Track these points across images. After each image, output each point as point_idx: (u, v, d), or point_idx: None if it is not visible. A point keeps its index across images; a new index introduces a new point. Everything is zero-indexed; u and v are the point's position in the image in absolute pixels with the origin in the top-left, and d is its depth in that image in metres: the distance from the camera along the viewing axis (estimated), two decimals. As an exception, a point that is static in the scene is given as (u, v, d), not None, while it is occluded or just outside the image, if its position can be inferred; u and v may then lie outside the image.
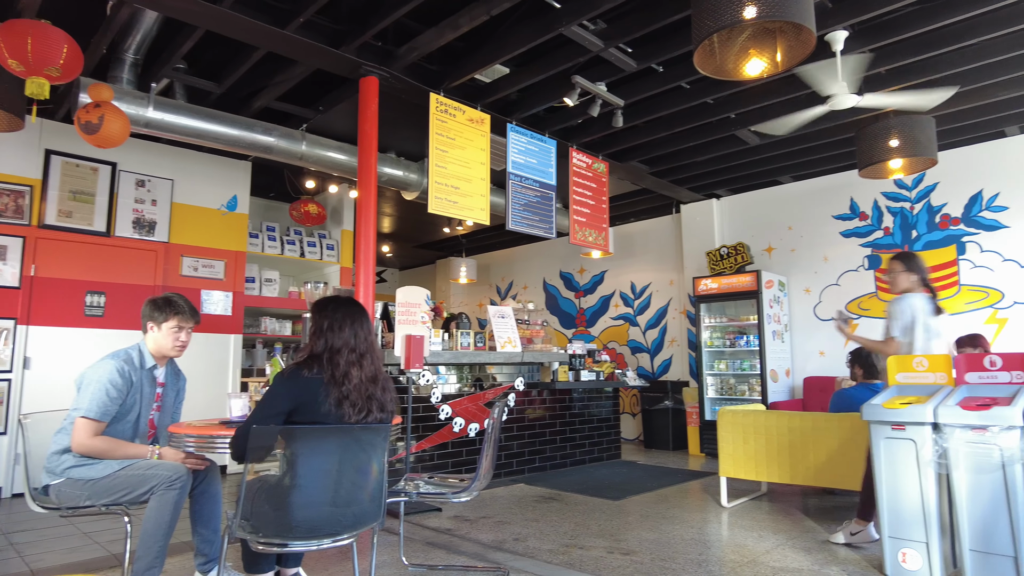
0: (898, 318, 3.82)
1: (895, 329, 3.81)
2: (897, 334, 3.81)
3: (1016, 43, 4.69)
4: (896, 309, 3.84)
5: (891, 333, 3.81)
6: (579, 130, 6.43)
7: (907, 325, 3.81)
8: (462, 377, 5.90)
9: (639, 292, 9.41)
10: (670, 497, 5.23)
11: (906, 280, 3.93)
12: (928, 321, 3.80)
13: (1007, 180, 6.38)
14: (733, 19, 2.95)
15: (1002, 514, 2.98)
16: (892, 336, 3.81)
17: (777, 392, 7.33)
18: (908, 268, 3.94)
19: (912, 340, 3.81)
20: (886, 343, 3.84)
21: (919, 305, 3.83)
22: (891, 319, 3.84)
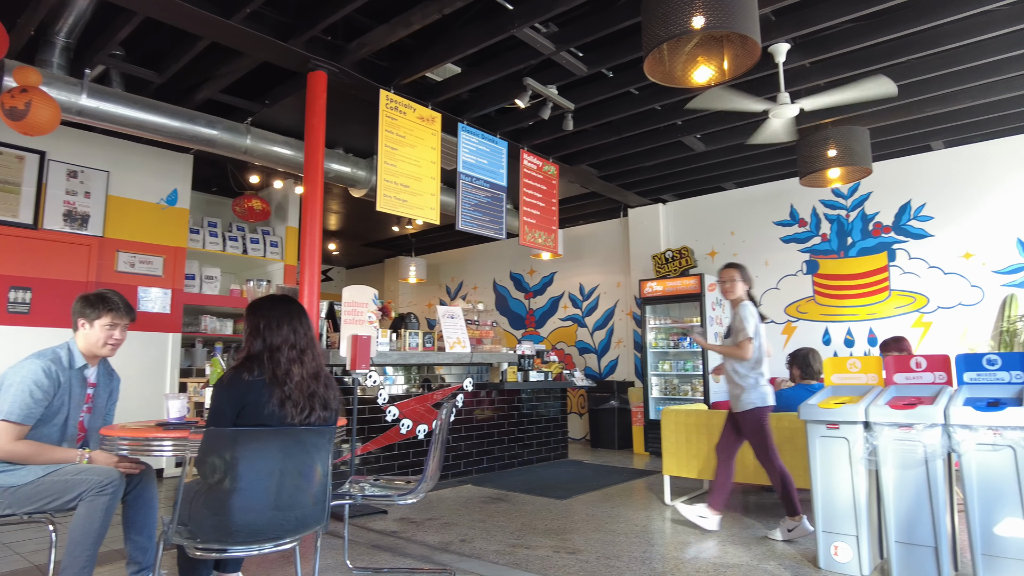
0: (750, 320, 4.03)
1: (750, 330, 3.99)
2: (752, 335, 3.99)
3: (942, 63, 4.95)
4: (747, 312, 4.05)
5: (748, 334, 3.98)
6: (530, 132, 6.46)
7: (757, 327, 4.04)
8: (410, 378, 5.84)
9: (587, 294, 9.52)
10: (615, 496, 5.31)
11: (741, 288, 4.16)
12: (759, 325, 4.09)
13: (933, 192, 6.74)
14: (682, 28, 3.02)
15: (924, 507, 3.14)
16: (749, 337, 3.98)
17: (718, 392, 7.52)
18: (743, 278, 4.18)
19: (760, 343, 4.05)
20: (741, 345, 3.99)
21: (755, 312, 4.11)
22: (743, 322, 4.02)
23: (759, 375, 4.04)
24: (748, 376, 4.03)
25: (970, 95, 5.43)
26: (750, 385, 4.02)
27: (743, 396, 4.03)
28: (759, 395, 4.02)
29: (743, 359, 4.01)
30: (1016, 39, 4.63)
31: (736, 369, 4.08)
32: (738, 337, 4.02)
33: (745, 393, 4.03)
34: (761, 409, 4.01)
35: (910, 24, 4.41)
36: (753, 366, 4.04)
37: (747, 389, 4.02)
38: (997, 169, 6.42)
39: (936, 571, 3.09)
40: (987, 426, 2.97)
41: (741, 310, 4.07)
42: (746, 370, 4.04)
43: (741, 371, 4.05)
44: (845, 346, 7.10)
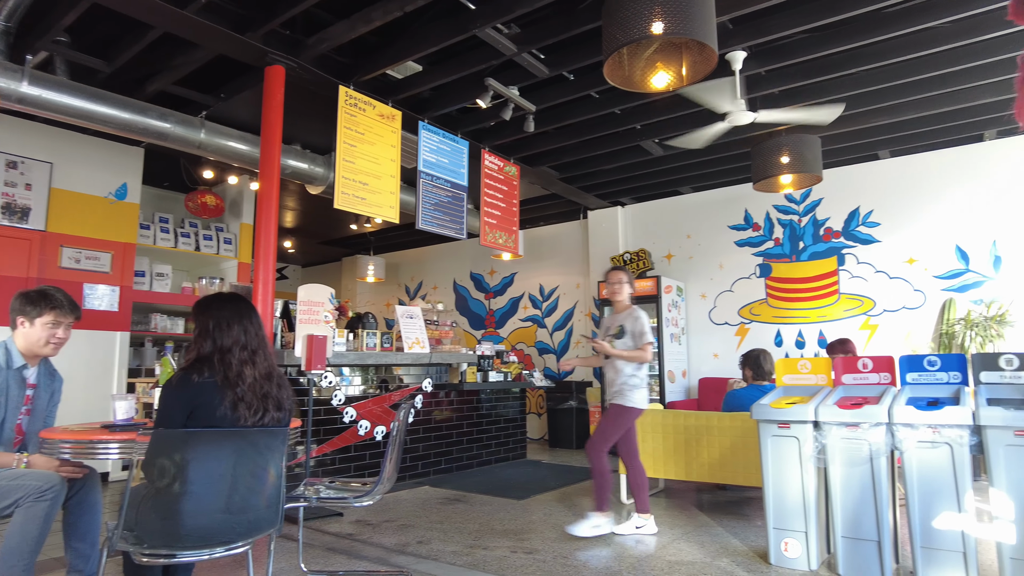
0: (648, 324, 4.17)
1: (648, 335, 4.12)
2: (651, 339, 4.13)
3: (889, 76, 5.13)
4: (644, 317, 4.18)
5: (649, 339, 4.12)
6: (492, 132, 6.46)
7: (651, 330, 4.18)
8: (367, 379, 5.78)
9: (547, 294, 9.57)
10: (573, 495, 5.35)
11: (628, 292, 4.29)
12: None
13: (880, 199, 6.99)
14: (642, 33, 3.06)
15: (869, 503, 3.25)
16: (651, 342, 4.13)
17: (674, 392, 7.66)
18: (631, 282, 4.33)
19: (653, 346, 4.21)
20: (645, 349, 4.11)
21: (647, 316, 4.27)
22: (644, 326, 4.14)
23: (644, 375, 4.19)
24: (635, 375, 4.15)
25: (915, 107, 5.65)
26: (636, 385, 4.14)
27: (629, 393, 4.13)
28: (642, 396, 4.16)
29: (646, 362, 4.15)
30: (957, 55, 4.83)
31: (623, 368, 4.16)
32: (641, 341, 4.13)
33: (632, 391, 4.13)
34: (637, 410, 4.15)
35: (859, 37, 4.57)
36: (639, 366, 4.17)
37: (634, 388, 4.14)
38: (939, 179, 6.69)
39: (879, 564, 3.20)
40: (927, 424, 3.09)
41: (634, 313, 4.20)
42: (634, 369, 4.15)
43: (628, 370, 4.15)
44: (796, 347, 7.31)
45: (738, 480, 4.47)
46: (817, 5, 4.28)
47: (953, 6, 4.23)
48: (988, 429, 2.96)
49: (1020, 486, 2.89)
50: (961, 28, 4.51)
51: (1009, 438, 2.92)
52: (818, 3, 4.28)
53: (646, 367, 4.22)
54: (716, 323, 7.93)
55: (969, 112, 5.81)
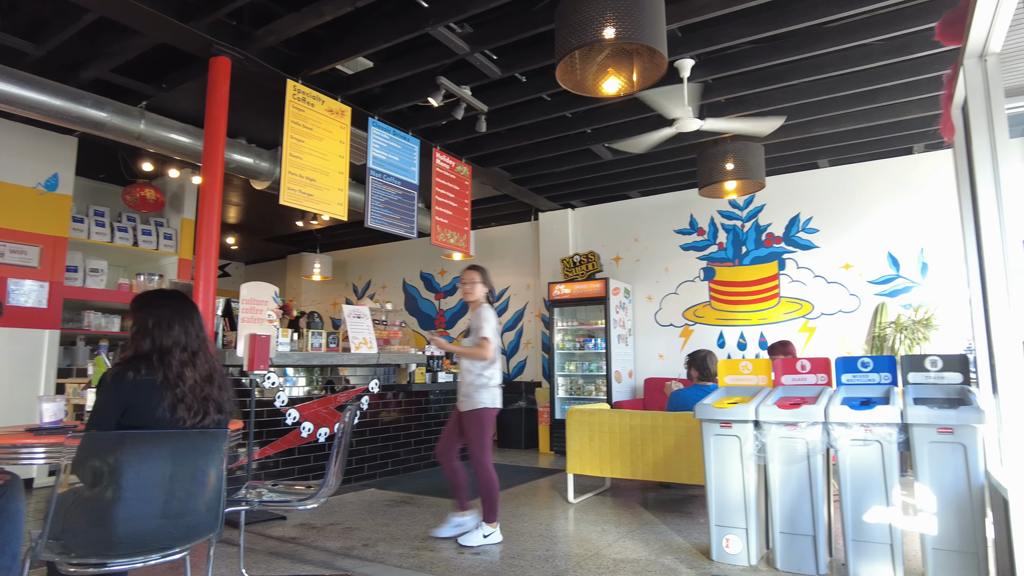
0: (490, 321, 4.09)
1: (487, 331, 4.04)
2: (491, 335, 4.04)
3: (829, 88, 5.34)
4: (487, 314, 4.10)
5: (484, 334, 4.03)
6: (444, 131, 6.43)
7: (496, 328, 4.12)
8: (312, 380, 5.66)
9: (498, 295, 9.56)
10: (520, 495, 5.36)
11: (481, 291, 4.23)
12: (498, 328, 4.20)
13: (819, 206, 7.26)
14: (593, 38, 3.10)
15: (805, 499, 3.37)
16: (486, 337, 4.03)
17: (621, 392, 7.78)
18: (484, 281, 4.25)
19: (497, 344, 4.13)
20: (481, 345, 4.02)
21: (496, 314, 4.21)
22: (484, 323, 4.06)
23: (492, 375, 4.08)
24: (481, 375, 4.05)
25: (851, 119, 5.90)
26: (482, 384, 4.04)
27: (474, 395, 4.04)
28: (489, 395, 4.05)
29: (483, 359, 4.03)
30: (889, 71, 5.07)
31: (470, 368, 4.09)
32: (477, 337, 4.06)
33: (476, 392, 4.03)
34: (488, 410, 4.05)
35: (801, 50, 4.74)
36: (487, 366, 4.07)
37: (479, 388, 4.04)
38: (874, 188, 7.00)
39: (814, 558, 3.33)
40: (860, 423, 3.23)
41: (482, 311, 4.12)
42: (480, 369, 4.06)
43: (475, 370, 4.07)
44: (738, 349, 7.52)
45: (682, 478, 4.57)
46: (762, 17, 4.42)
47: (885, 25, 4.43)
48: (914, 427, 3.11)
49: (942, 480, 3.05)
50: (893, 46, 4.73)
51: (933, 435, 3.07)
52: (763, 15, 4.42)
53: (496, 368, 4.11)
54: (662, 324, 8.09)
55: (900, 126, 6.10)
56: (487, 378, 4.06)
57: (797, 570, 3.35)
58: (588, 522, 4.46)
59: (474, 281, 4.22)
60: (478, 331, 4.06)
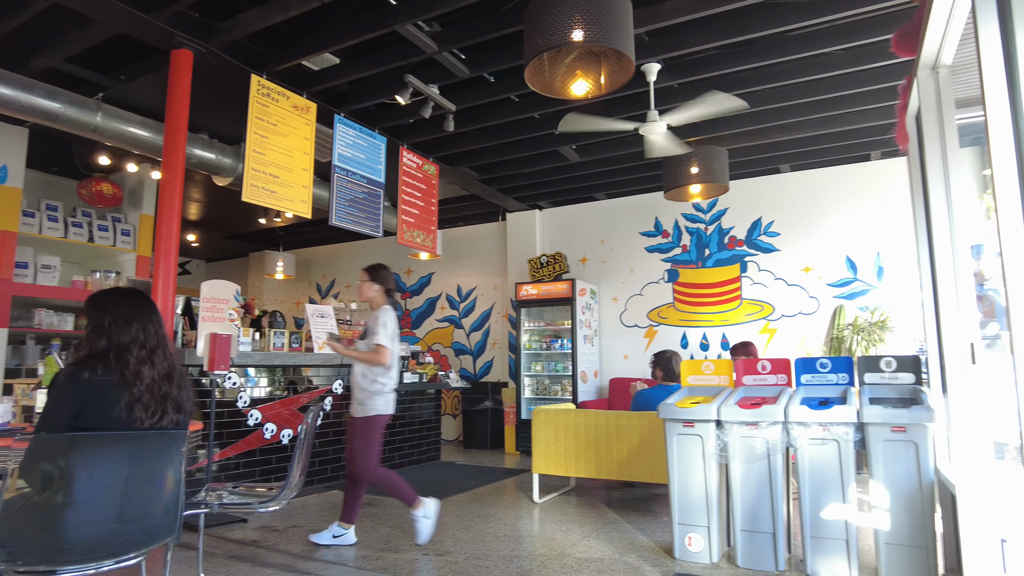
0: (387, 325, 3.87)
1: (383, 337, 3.82)
2: (386, 342, 3.82)
3: (791, 95, 5.47)
4: (384, 318, 3.89)
5: (379, 341, 3.81)
6: (411, 130, 6.39)
7: (393, 333, 3.89)
8: (274, 380, 5.56)
9: (465, 295, 9.55)
10: (486, 496, 5.36)
11: (372, 290, 4.03)
12: (395, 332, 3.95)
13: (780, 210, 7.42)
14: (562, 40, 3.12)
15: (765, 497, 3.44)
16: (381, 344, 3.81)
17: (586, 392, 7.83)
18: (375, 278, 4.04)
19: (394, 348, 3.91)
20: (378, 351, 3.81)
21: (394, 318, 3.97)
22: (379, 327, 3.85)
23: (387, 382, 3.90)
24: (376, 381, 3.86)
25: (812, 126, 6.04)
26: (377, 391, 3.86)
27: (368, 402, 3.86)
28: (384, 402, 3.89)
29: (379, 364, 3.84)
30: (849, 80, 5.20)
31: (366, 373, 3.89)
32: (371, 341, 3.86)
33: (371, 399, 3.85)
34: (381, 417, 3.88)
35: (765, 57, 4.84)
36: (383, 372, 3.88)
37: (373, 395, 3.86)
38: (833, 193, 7.18)
39: (773, 555, 3.40)
40: (818, 423, 3.31)
41: (379, 314, 3.92)
42: (376, 375, 3.86)
43: (370, 375, 3.87)
44: (701, 349, 7.64)
45: (645, 477, 4.62)
46: (728, 24, 4.50)
47: (845, 35, 4.55)
48: (870, 426, 3.20)
49: (895, 477, 3.15)
50: (852, 56, 4.86)
51: (887, 434, 3.17)
52: (729, 22, 4.49)
53: (392, 373, 3.92)
54: (627, 325, 8.17)
55: (858, 133, 6.27)
56: (382, 384, 3.87)
57: (757, 567, 3.42)
58: (553, 522, 4.48)
59: (362, 280, 4.06)
60: (373, 335, 3.85)
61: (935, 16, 2.33)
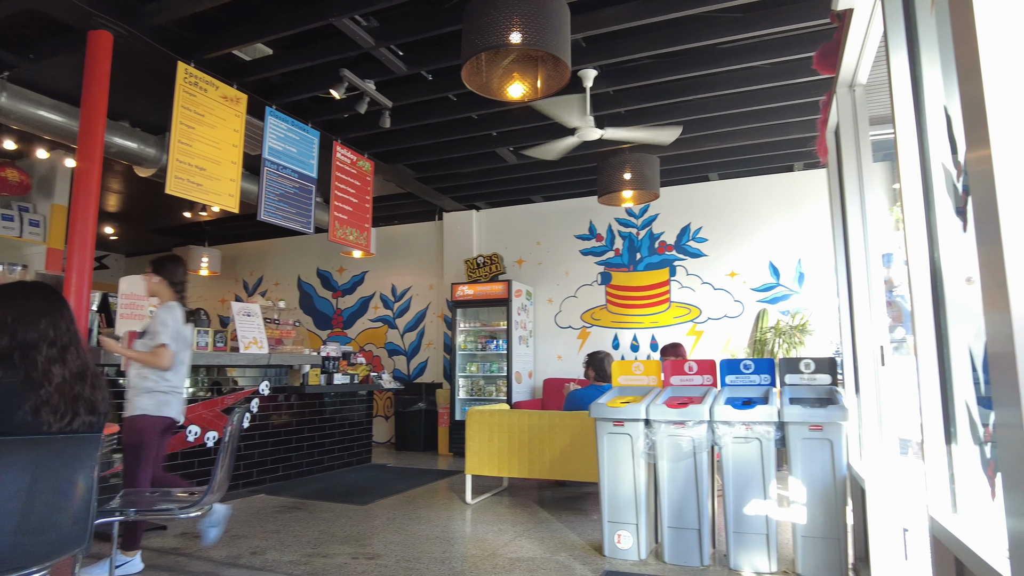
0: (168, 324, 3.52)
1: (164, 336, 3.47)
2: (168, 341, 3.47)
3: (723, 105, 5.67)
4: (165, 316, 3.54)
5: (161, 341, 3.46)
6: (346, 125, 6.27)
7: (176, 333, 3.56)
8: (198, 381, 5.34)
9: (399, 295, 9.44)
10: (417, 498, 5.31)
11: (152, 282, 3.73)
12: (180, 330, 3.61)
13: (708, 217, 7.69)
14: (500, 41, 3.13)
15: (691, 494, 3.55)
16: (163, 344, 3.45)
17: (520, 392, 7.88)
18: (156, 271, 3.72)
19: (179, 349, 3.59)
20: (156, 353, 3.44)
21: (178, 315, 3.62)
22: (160, 327, 3.50)
23: (164, 380, 3.51)
24: (148, 379, 3.49)
25: (740, 136, 6.28)
26: (147, 388, 3.47)
27: (135, 399, 3.48)
28: (155, 401, 3.47)
29: (158, 367, 3.46)
30: (776, 93, 5.44)
31: (141, 371, 3.51)
32: (153, 342, 3.49)
33: (138, 396, 3.47)
34: (151, 418, 3.45)
35: (698, 68, 4.99)
36: (162, 373, 3.52)
37: (141, 393, 3.47)
38: (758, 202, 7.49)
39: (698, 550, 3.51)
40: (741, 422, 3.44)
41: (161, 312, 3.56)
42: (151, 373, 3.50)
43: (146, 373, 3.50)
44: (631, 350, 7.82)
45: (577, 476, 4.68)
46: (663, 34, 4.62)
47: (774, 50, 4.76)
48: (789, 425, 3.35)
49: (812, 473, 3.31)
50: (778, 70, 5.09)
51: (805, 432, 3.33)
52: (664, 32, 4.62)
53: (174, 373, 3.55)
54: (561, 327, 8.27)
55: (783, 145, 6.57)
56: (154, 382, 3.48)
57: (683, 562, 3.53)
58: (485, 522, 4.48)
59: (147, 275, 3.74)
60: (155, 335, 3.48)
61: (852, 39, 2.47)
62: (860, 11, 2.29)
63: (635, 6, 4.27)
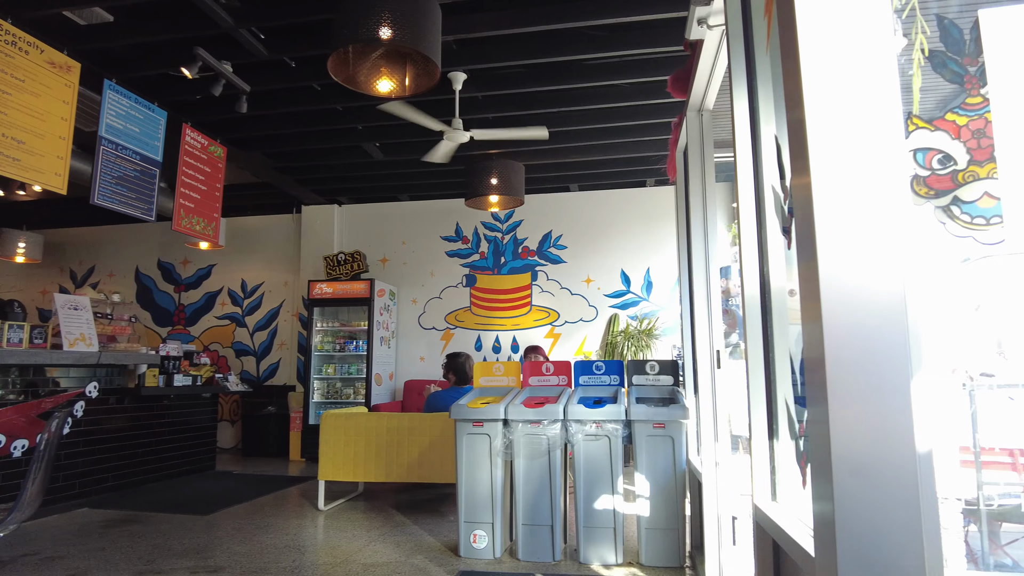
0: None
1: None
2: None
3: (586, 119, 5.93)
4: None
5: None
6: (198, 107, 5.82)
7: None
8: (7, 382, 4.71)
9: (251, 291, 8.90)
10: (266, 506, 5.04)
11: None
12: None
13: (568, 225, 8.01)
14: (369, 35, 3.06)
15: (545, 492, 3.67)
16: None
17: (380, 395, 7.73)
18: None
19: None
20: None
21: None
22: None
23: None
24: None
25: (600, 150, 6.61)
26: None
27: None
28: None
29: None
30: (633, 111, 5.79)
31: None
32: None
33: None
34: None
35: (564, 81, 5.19)
36: None
37: None
38: (613, 213, 7.92)
39: (551, 546, 3.64)
40: (592, 420, 3.62)
41: None
42: None
43: None
44: (493, 352, 7.95)
45: (435, 478, 4.68)
46: (532, 45, 4.75)
47: (633, 71, 5.05)
48: (636, 423, 3.57)
49: (655, 469, 3.55)
50: (637, 90, 5.41)
51: (649, 430, 3.56)
52: (534, 43, 4.74)
53: None
54: (425, 328, 8.23)
55: (638, 161, 7.00)
56: None
57: (537, 559, 3.64)
58: (338, 529, 4.35)
59: None
60: None
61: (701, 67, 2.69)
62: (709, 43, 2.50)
63: (505, 15, 4.36)
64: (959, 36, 1.59)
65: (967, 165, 1.65)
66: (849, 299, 1.03)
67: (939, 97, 1.88)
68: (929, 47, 1.60)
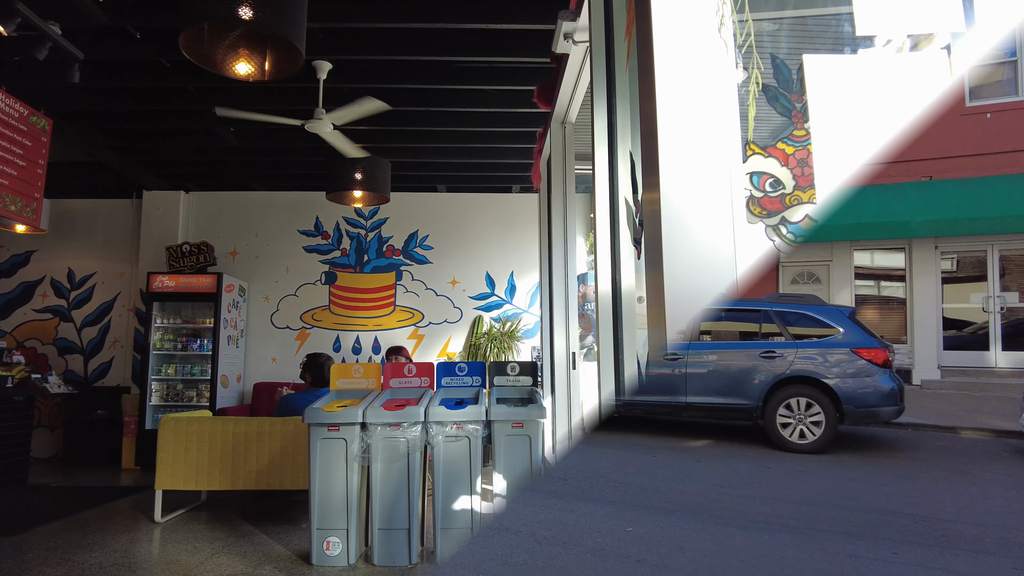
0: None
1: None
2: None
3: (451, 121, 5.94)
4: None
5: None
6: (16, 71, 5.12)
7: None
8: None
9: (79, 282, 7.98)
10: (91, 521, 4.55)
11: None
12: None
13: (435, 226, 7.99)
14: (228, 14, 2.86)
15: (403, 495, 3.63)
16: None
17: (227, 398, 7.25)
18: None
19: None
20: None
21: None
22: None
23: None
24: None
25: (467, 153, 6.66)
26: None
27: None
28: None
29: None
30: (501, 118, 5.87)
31: None
32: None
33: None
34: None
35: (431, 81, 5.17)
36: None
37: None
38: (480, 217, 8.01)
39: (407, 549, 3.60)
40: (453, 421, 3.63)
41: None
42: None
43: None
44: (353, 353, 7.73)
45: (287, 485, 4.46)
46: (401, 41, 4.68)
47: (501, 78, 5.14)
48: (495, 423, 3.64)
49: (513, 467, 3.63)
50: (505, 97, 5.50)
51: (508, 429, 3.64)
52: (403, 40, 4.67)
53: None
54: (278, 327, 7.83)
55: (505, 167, 7.14)
56: None
57: (392, 563, 3.58)
58: (178, 541, 4.02)
59: None
60: None
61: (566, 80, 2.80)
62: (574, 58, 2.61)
63: (372, 7, 4.26)
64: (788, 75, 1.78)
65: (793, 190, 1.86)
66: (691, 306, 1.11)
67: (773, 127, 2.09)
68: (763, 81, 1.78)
